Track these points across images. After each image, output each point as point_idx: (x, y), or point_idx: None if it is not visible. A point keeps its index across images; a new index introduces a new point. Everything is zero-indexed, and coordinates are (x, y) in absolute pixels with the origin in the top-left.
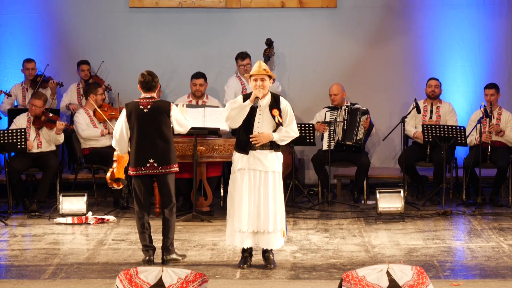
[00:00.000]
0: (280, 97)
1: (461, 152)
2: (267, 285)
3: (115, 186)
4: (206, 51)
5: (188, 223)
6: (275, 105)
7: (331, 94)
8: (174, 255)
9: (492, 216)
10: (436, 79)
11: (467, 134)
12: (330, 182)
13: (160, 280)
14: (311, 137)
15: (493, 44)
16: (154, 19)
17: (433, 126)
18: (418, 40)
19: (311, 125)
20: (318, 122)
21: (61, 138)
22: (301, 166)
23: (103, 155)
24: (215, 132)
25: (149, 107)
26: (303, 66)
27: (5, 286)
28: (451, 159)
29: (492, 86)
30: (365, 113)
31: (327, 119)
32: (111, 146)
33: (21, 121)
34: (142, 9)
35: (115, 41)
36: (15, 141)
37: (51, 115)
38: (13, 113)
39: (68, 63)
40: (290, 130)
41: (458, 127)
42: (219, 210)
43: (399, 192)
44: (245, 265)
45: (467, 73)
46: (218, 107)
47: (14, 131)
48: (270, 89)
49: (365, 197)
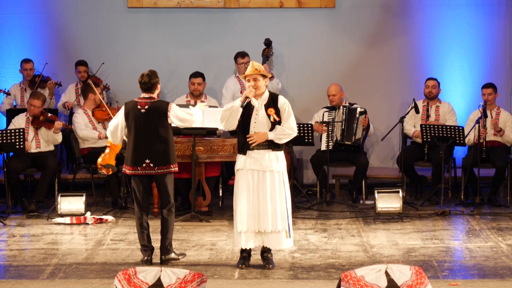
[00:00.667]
0: (278, 95)
1: (459, 152)
2: (265, 285)
3: (104, 171)
4: (204, 51)
5: (186, 223)
6: (272, 104)
7: (329, 94)
8: (172, 255)
9: (490, 216)
10: (434, 79)
11: (465, 133)
12: (328, 182)
13: (158, 280)
14: (310, 137)
15: (491, 44)
16: (152, 19)
17: (432, 126)
18: (416, 40)
19: (309, 125)
20: (316, 122)
21: (59, 137)
22: (300, 166)
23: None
24: (213, 132)
25: (146, 107)
26: (302, 66)
27: (3, 286)
28: (449, 159)
29: (489, 85)
30: (363, 113)
31: (325, 119)
32: None
33: (19, 121)
34: (140, 9)
35: (114, 41)
36: (13, 141)
37: (50, 115)
38: (11, 113)
39: (66, 63)
40: (286, 127)
41: (456, 127)
42: (217, 210)
43: (398, 192)
44: (244, 265)
45: (466, 73)
46: (217, 107)
47: (12, 131)
48: (269, 87)
49: (364, 197)
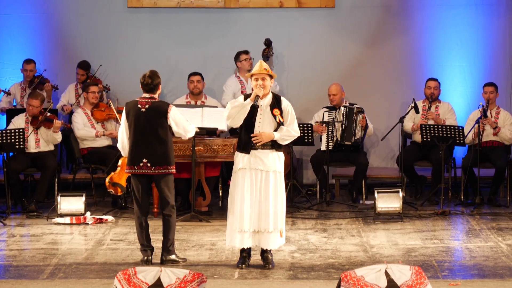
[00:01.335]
0: (281, 97)
1: (459, 152)
2: (265, 285)
3: (112, 190)
4: (204, 51)
5: (186, 223)
6: (276, 104)
7: (330, 94)
8: (173, 256)
9: (490, 216)
10: (435, 80)
11: (465, 133)
12: (328, 182)
13: (158, 280)
14: (310, 137)
15: (491, 44)
16: (152, 19)
17: (432, 126)
18: (416, 40)
19: (309, 125)
20: (316, 122)
21: (58, 137)
22: (300, 166)
23: (101, 155)
24: (213, 132)
25: (147, 106)
26: (302, 66)
27: (3, 286)
28: (449, 159)
29: (491, 84)
30: (361, 112)
31: (326, 119)
32: (110, 146)
33: (19, 121)
34: (140, 9)
35: (114, 41)
36: (13, 141)
37: (49, 114)
38: (11, 113)
39: (66, 63)
40: (291, 129)
41: (456, 127)
42: (217, 210)
43: (398, 192)
44: (244, 265)
45: (465, 73)
46: (216, 107)
47: (12, 131)
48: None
49: (364, 197)
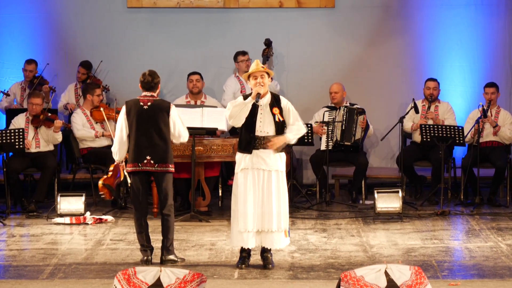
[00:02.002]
0: (280, 96)
1: (459, 152)
2: (265, 285)
3: (103, 193)
4: (204, 51)
5: (186, 223)
6: (275, 103)
7: (331, 92)
8: (172, 256)
9: (490, 216)
10: (434, 80)
11: (465, 132)
12: (328, 182)
13: (158, 280)
14: (310, 137)
15: (491, 44)
16: (152, 19)
17: (431, 126)
18: (416, 40)
19: (309, 125)
20: (316, 122)
21: (59, 137)
22: (299, 166)
23: (101, 155)
24: (213, 132)
25: (149, 104)
26: (301, 66)
27: (3, 286)
28: (449, 159)
29: (492, 84)
30: (362, 113)
31: (326, 119)
32: (110, 146)
33: (19, 121)
34: (140, 9)
35: (113, 41)
36: (13, 141)
37: (50, 114)
38: (11, 113)
39: (66, 62)
40: (299, 127)
41: (456, 127)
42: (217, 210)
43: (397, 192)
44: (243, 265)
45: (465, 73)
46: (216, 107)
47: (12, 131)
48: (269, 88)
49: (363, 197)
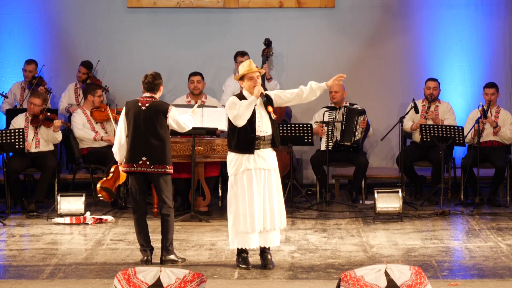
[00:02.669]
0: (266, 93)
1: (459, 152)
2: (265, 285)
3: (103, 195)
4: (204, 51)
5: (186, 223)
6: (268, 102)
7: (331, 91)
8: (172, 256)
9: (490, 216)
10: (434, 80)
11: (465, 132)
12: (328, 182)
13: (158, 280)
14: (309, 137)
15: (491, 44)
16: (152, 19)
17: (431, 126)
18: (416, 40)
19: (309, 125)
20: (316, 122)
21: (59, 136)
22: (299, 166)
23: (101, 155)
24: (213, 132)
25: (147, 105)
26: (301, 66)
27: (3, 286)
28: (449, 159)
29: (492, 85)
30: (362, 113)
31: (326, 119)
32: (110, 146)
33: (19, 121)
34: (140, 9)
35: (113, 41)
36: (13, 141)
37: (49, 113)
38: (11, 113)
39: (66, 63)
40: (291, 90)
41: (456, 127)
42: (217, 210)
43: (397, 192)
44: (248, 266)
45: (465, 73)
46: (216, 107)
47: (12, 131)
48: (269, 89)
49: (363, 197)
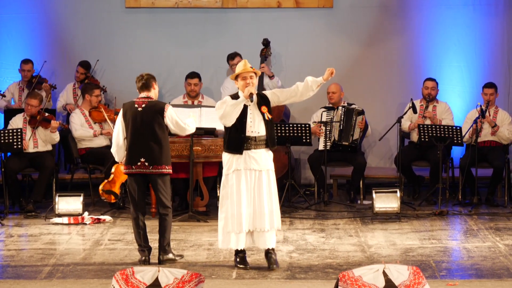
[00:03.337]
0: (263, 92)
1: (457, 152)
2: (263, 285)
3: (105, 197)
4: (202, 51)
5: (184, 223)
6: (262, 102)
7: (329, 92)
8: (170, 255)
9: (488, 216)
10: (433, 80)
11: (463, 132)
12: (326, 182)
13: (156, 280)
14: (307, 137)
15: (489, 44)
16: (150, 19)
17: (429, 126)
18: (414, 40)
19: (307, 125)
20: (314, 122)
21: (56, 137)
22: (297, 166)
23: (99, 155)
24: (211, 132)
25: (143, 106)
26: (300, 66)
27: (1, 286)
28: (447, 159)
29: (491, 85)
30: (361, 113)
31: (324, 119)
32: (108, 146)
33: (17, 121)
34: (138, 9)
35: (111, 41)
36: (11, 141)
37: (47, 114)
38: (9, 114)
39: (64, 63)
40: (290, 88)
41: (454, 127)
42: (215, 210)
43: (395, 192)
44: (244, 266)
45: (463, 73)
46: (214, 107)
47: (10, 131)
48: (270, 85)
49: (362, 197)
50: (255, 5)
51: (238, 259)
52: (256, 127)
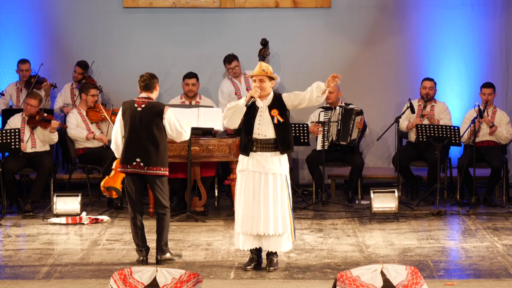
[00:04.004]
0: (281, 94)
1: (455, 152)
2: (261, 285)
3: (107, 194)
4: (200, 51)
5: (182, 223)
6: (275, 105)
7: None
8: (168, 255)
9: (486, 216)
10: (431, 80)
11: (461, 132)
12: (324, 182)
13: (154, 280)
14: (305, 137)
15: (487, 44)
16: (148, 19)
17: (427, 126)
18: (412, 40)
19: (305, 125)
20: (312, 122)
21: (55, 137)
22: (295, 166)
23: (97, 155)
24: (209, 132)
25: (143, 106)
26: (297, 66)
27: None
28: (445, 159)
29: (489, 85)
30: (359, 113)
31: (321, 119)
32: (106, 146)
33: (15, 121)
34: (136, 9)
35: (109, 41)
36: (9, 141)
37: (46, 114)
38: (7, 114)
39: (62, 63)
40: (304, 92)
41: (452, 127)
42: (213, 210)
43: (393, 192)
44: (248, 267)
45: (462, 73)
46: (212, 107)
47: (8, 131)
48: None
49: (359, 197)
50: (253, 5)
51: (248, 260)
52: (263, 130)
